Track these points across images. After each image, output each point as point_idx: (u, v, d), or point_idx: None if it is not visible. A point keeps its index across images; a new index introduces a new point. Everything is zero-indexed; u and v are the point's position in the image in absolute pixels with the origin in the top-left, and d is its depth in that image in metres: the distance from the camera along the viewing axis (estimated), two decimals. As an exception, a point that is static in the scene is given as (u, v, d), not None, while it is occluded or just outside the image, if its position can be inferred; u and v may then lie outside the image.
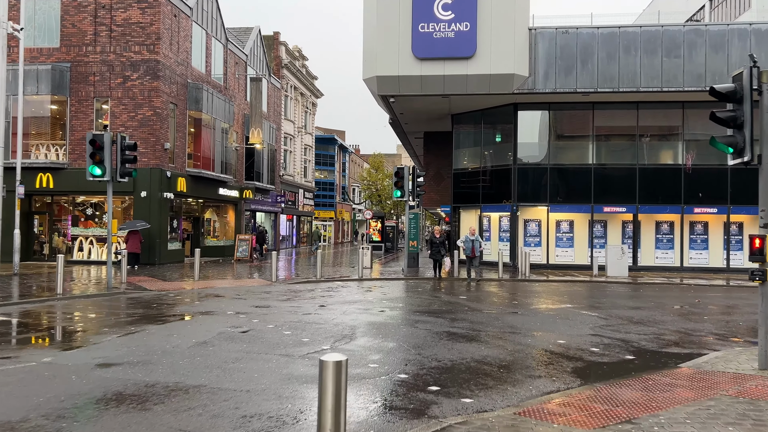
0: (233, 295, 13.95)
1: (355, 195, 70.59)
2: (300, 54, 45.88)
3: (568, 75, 22.92)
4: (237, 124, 32.61)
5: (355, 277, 19.18)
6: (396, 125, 30.72)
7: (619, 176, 24.72)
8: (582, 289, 17.04)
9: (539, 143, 25.73)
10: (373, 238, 41.13)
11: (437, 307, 12.46)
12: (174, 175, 25.06)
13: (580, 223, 25.04)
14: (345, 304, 12.54)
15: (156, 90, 23.93)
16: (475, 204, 26.68)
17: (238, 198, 32.30)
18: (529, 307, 12.80)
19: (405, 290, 16.02)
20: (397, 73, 22.62)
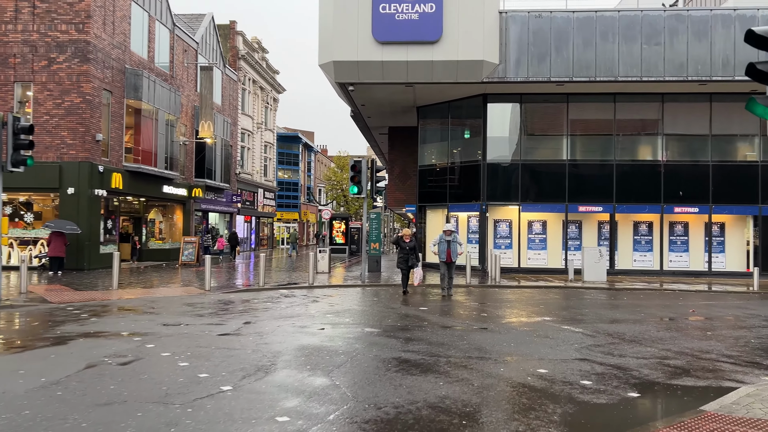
0: (147, 309, 11.61)
1: (321, 196, 68.23)
2: (260, 46, 43.44)
3: (541, 62, 21.12)
4: (186, 117, 30.07)
5: (305, 284, 16.97)
6: (358, 119, 28.60)
7: (595, 173, 23.03)
8: (558, 297, 15.13)
9: (510, 138, 23.89)
10: (336, 240, 38.90)
11: (391, 322, 10.34)
12: (108, 170, 22.47)
13: (553, 224, 23.27)
14: (279, 320, 10.34)
15: (86, 74, 21.34)
16: (442, 203, 24.71)
17: (186, 197, 29.74)
18: (500, 321, 10.78)
19: (359, 300, 13.86)
20: (356, 58, 20.51)
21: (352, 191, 17.70)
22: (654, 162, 22.89)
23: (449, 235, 14.57)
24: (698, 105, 22.63)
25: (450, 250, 14.46)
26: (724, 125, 22.68)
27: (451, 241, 14.51)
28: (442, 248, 14.53)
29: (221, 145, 33.43)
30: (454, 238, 14.61)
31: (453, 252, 14.51)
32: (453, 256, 14.55)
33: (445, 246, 14.51)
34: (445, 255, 14.50)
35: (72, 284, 16.37)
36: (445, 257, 14.52)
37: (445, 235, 14.62)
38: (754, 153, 22.75)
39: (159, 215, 29.55)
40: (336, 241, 38.65)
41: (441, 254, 14.57)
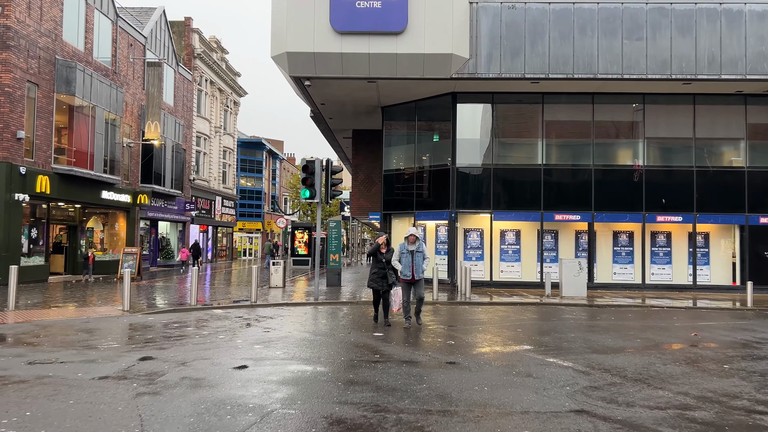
0: (29, 338, 9.32)
1: (287, 205, 65.76)
2: (218, 46, 41.09)
3: (515, 57, 19.36)
4: (131, 117, 27.56)
5: (248, 302, 14.72)
6: (319, 120, 26.50)
7: (572, 180, 21.31)
8: (536, 317, 13.19)
9: (481, 141, 22.05)
10: (299, 252, 36.58)
11: (333, 356, 8.22)
12: (32, 172, 19.90)
13: (527, 234, 21.45)
14: (190, 353, 8.12)
15: (4, 63, 18.82)
16: (408, 211, 22.71)
17: (130, 204, 27.17)
18: (471, 352, 8.74)
19: (304, 323, 11.70)
20: (312, 49, 18.46)
21: (304, 195, 15.55)
22: (635, 167, 21.27)
23: (413, 243, 10.99)
24: (681, 107, 21.15)
25: (414, 264, 10.89)
26: (709, 128, 21.24)
27: (416, 252, 10.96)
28: (406, 262, 10.88)
29: (172, 149, 30.93)
30: (419, 248, 11.04)
31: (417, 266, 10.91)
32: (417, 272, 10.92)
33: (408, 259, 10.88)
34: (408, 270, 10.89)
35: (-32, 303, 13.85)
36: (409, 273, 10.90)
37: (408, 243, 10.97)
38: (740, 158, 21.31)
39: (99, 224, 26.91)
40: (298, 252, 36.34)
41: (404, 269, 10.90)
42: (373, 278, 11.18)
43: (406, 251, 10.97)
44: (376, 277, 11.13)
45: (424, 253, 11.09)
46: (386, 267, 11.04)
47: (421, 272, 11.01)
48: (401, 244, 11.12)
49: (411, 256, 10.93)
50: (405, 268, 10.91)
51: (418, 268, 10.95)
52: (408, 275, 10.93)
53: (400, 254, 10.99)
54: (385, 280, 11.04)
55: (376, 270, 11.18)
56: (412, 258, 10.92)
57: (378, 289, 11.18)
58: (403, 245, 11.08)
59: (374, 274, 11.18)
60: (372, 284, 11.20)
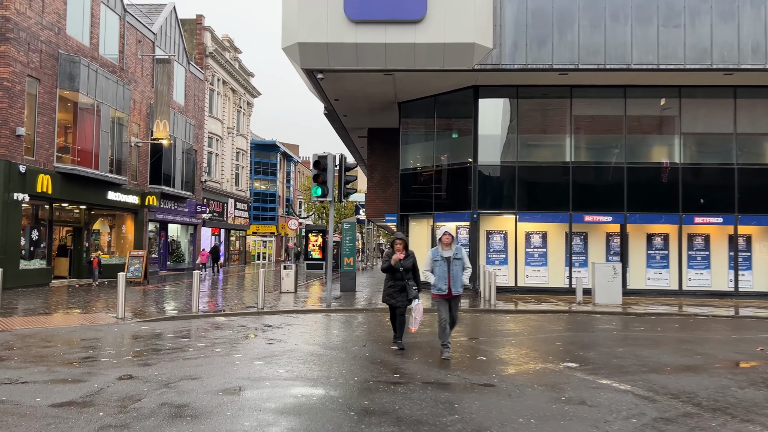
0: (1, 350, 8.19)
1: (301, 209, 64.79)
2: (231, 45, 40.22)
3: (541, 47, 18.07)
4: (139, 116, 26.65)
5: (254, 309, 13.57)
6: (333, 117, 25.37)
7: (603, 178, 19.93)
8: (573, 327, 11.86)
9: (505, 137, 20.75)
10: (313, 255, 35.46)
11: (347, 376, 7.01)
12: (33, 170, 18.98)
13: (555, 236, 20.09)
14: (177, 370, 6.98)
15: (4, 56, 17.94)
16: (426, 212, 21.45)
17: (138, 205, 26.22)
18: (506, 371, 7.47)
19: (314, 334, 10.51)
20: (325, 39, 17.33)
21: (315, 193, 14.39)
22: (671, 165, 19.81)
23: (449, 247, 8.33)
24: (721, 101, 19.69)
25: (451, 275, 8.20)
26: (751, 123, 19.75)
27: (453, 258, 8.26)
28: (441, 272, 8.23)
29: (183, 149, 30.01)
30: (457, 253, 8.31)
31: (455, 278, 8.20)
32: (456, 286, 8.21)
33: (443, 268, 8.23)
34: (444, 283, 8.19)
35: (-46, 309, 12.85)
36: (445, 287, 8.19)
37: (442, 246, 8.35)
38: (785, 155, 19.79)
39: (106, 226, 26.01)
40: (312, 256, 35.20)
41: (438, 282, 8.22)
42: (389, 292, 8.79)
43: (440, 258, 8.27)
44: (393, 291, 8.73)
45: (463, 260, 8.31)
46: (405, 278, 8.67)
47: (460, 286, 8.26)
48: (433, 250, 8.44)
49: (447, 264, 8.22)
50: (439, 280, 8.19)
51: (456, 281, 8.20)
52: (443, 290, 8.18)
53: (432, 262, 8.31)
54: (404, 294, 8.68)
55: (392, 282, 8.79)
56: (448, 267, 8.21)
57: (393, 305, 8.80)
58: (435, 251, 8.40)
59: (390, 287, 8.78)
60: (388, 299, 8.78)
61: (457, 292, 8.26)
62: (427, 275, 8.42)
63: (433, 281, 8.31)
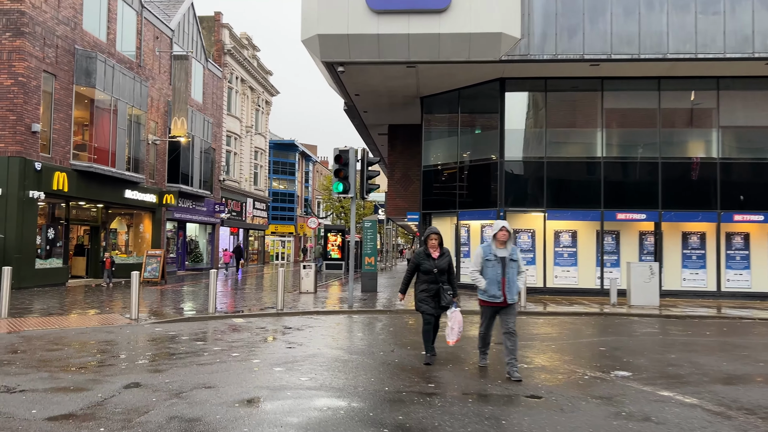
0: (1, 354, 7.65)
1: (319, 209, 64.33)
2: (249, 42, 39.82)
3: (572, 37, 17.25)
4: (157, 113, 26.27)
5: (274, 310, 12.96)
6: (353, 113, 24.75)
7: (636, 174, 19.06)
8: (613, 330, 11.07)
9: (533, 132, 19.95)
10: (332, 255, 34.90)
11: (376, 384, 6.34)
12: (48, 168, 18.62)
13: (585, 234, 19.23)
14: (190, 377, 6.39)
15: (19, 51, 17.58)
16: (450, 210, 20.73)
17: (155, 204, 25.84)
18: (553, 380, 6.74)
19: (337, 337, 9.86)
20: (346, 30, 16.71)
21: (337, 189, 13.74)
22: (709, 160, 18.86)
23: (504, 245, 6.99)
24: (763, 92, 18.69)
25: (506, 279, 6.90)
26: (794, 115, 18.72)
27: (509, 259, 6.95)
28: (493, 273, 6.91)
29: (201, 147, 29.61)
30: (513, 254, 7.02)
31: (511, 282, 6.92)
32: (511, 292, 6.92)
33: (497, 269, 6.90)
34: (498, 288, 6.89)
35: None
36: (499, 293, 6.90)
37: (496, 244, 6.99)
38: (831, 148, 18.72)
39: (123, 225, 25.67)
40: (331, 256, 34.67)
41: (490, 286, 6.92)
42: (421, 297, 7.47)
43: (494, 257, 6.90)
44: (427, 296, 7.42)
45: (519, 262, 7.05)
46: (439, 280, 7.43)
47: (516, 292, 7.00)
48: (484, 247, 7.09)
49: (501, 265, 6.86)
50: (491, 284, 6.88)
51: (511, 285, 6.89)
52: (497, 296, 6.87)
53: (483, 261, 6.96)
54: (436, 299, 7.40)
55: (425, 286, 7.45)
56: (503, 268, 6.86)
57: (429, 313, 7.46)
58: (486, 248, 7.04)
59: (422, 291, 7.46)
60: (422, 306, 7.47)
61: (512, 299, 6.92)
62: (475, 278, 7.01)
63: (483, 285, 6.93)
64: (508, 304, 6.94)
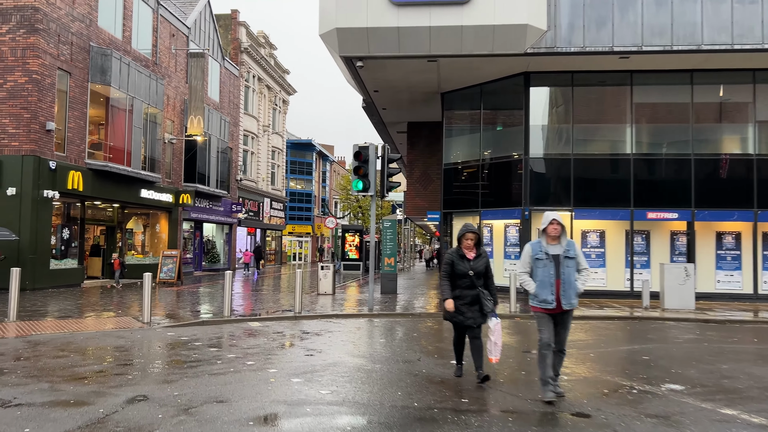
0: (5, 361, 7.21)
1: (337, 209, 63.91)
2: (267, 41, 39.49)
3: (601, 28, 16.52)
4: (173, 112, 25.97)
5: (291, 314, 12.45)
6: (371, 110, 24.20)
7: (667, 171, 18.26)
8: (652, 337, 10.37)
9: (559, 128, 19.24)
10: (349, 255, 34.42)
11: (403, 400, 5.78)
12: (63, 167, 18.32)
13: (613, 235, 18.47)
14: (201, 388, 5.87)
15: (33, 48, 17.30)
16: (472, 209, 20.08)
17: (172, 204, 25.53)
18: (598, 394, 6.11)
19: (358, 343, 9.31)
20: (366, 24, 16.16)
21: (356, 187, 13.18)
22: (744, 156, 18.01)
23: (557, 241, 5.89)
24: (801, 84, 17.81)
25: (561, 280, 5.77)
26: (836, 109, 17.80)
27: (563, 256, 5.83)
28: (545, 274, 5.80)
29: (218, 147, 29.28)
30: (569, 249, 5.89)
31: (567, 284, 5.77)
32: (567, 296, 5.78)
33: (550, 269, 5.79)
34: (550, 291, 5.76)
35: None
36: (552, 298, 5.75)
37: (547, 239, 5.92)
38: None
39: (139, 225, 25.39)
40: (349, 257, 34.21)
41: (541, 290, 5.80)
42: (458, 305, 6.34)
43: (545, 255, 5.80)
44: (462, 304, 6.30)
45: (578, 259, 5.89)
46: (476, 285, 6.31)
47: (574, 296, 5.81)
48: (533, 244, 5.98)
49: (555, 264, 5.75)
50: (543, 288, 5.74)
51: (568, 288, 5.73)
52: (550, 301, 5.72)
53: (533, 260, 5.87)
54: (476, 308, 6.28)
55: (459, 292, 6.34)
56: (556, 268, 5.74)
57: (465, 325, 6.35)
58: (536, 245, 5.94)
59: (456, 298, 6.35)
60: (455, 316, 6.35)
61: (569, 305, 5.75)
62: (524, 280, 5.94)
63: (532, 289, 5.85)
64: (564, 310, 5.79)
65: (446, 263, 6.51)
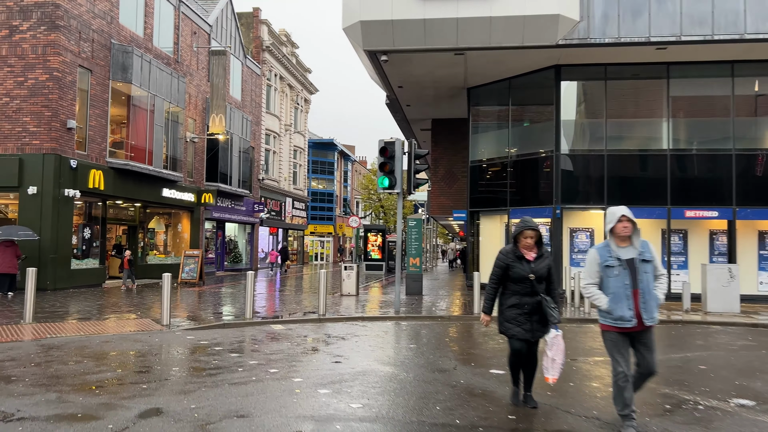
0: (16, 366, 6.81)
1: (358, 208, 63.49)
2: (288, 39, 39.17)
3: (637, 18, 15.77)
4: (195, 110, 25.71)
5: (315, 315, 11.96)
6: (395, 107, 23.66)
7: (706, 167, 17.42)
8: (702, 344, 9.65)
9: (591, 123, 18.51)
10: (372, 255, 33.90)
11: (434, 412, 5.26)
12: (84, 165, 18.09)
13: (649, 234, 17.63)
14: (220, 399, 5.39)
15: (54, 45, 17.08)
16: (500, 208, 19.44)
17: (194, 203, 25.27)
18: (658, 412, 5.48)
19: (387, 348, 8.77)
20: (391, 16, 15.63)
21: (382, 184, 12.64)
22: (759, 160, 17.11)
23: (628, 242, 4.80)
24: None
25: (640, 290, 4.67)
26: None
27: (639, 260, 4.74)
28: (618, 285, 4.71)
29: (240, 146, 28.99)
30: (644, 251, 4.79)
31: (647, 294, 4.68)
32: (649, 310, 4.68)
33: (624, 278, 4.70)
34: (628, 306, 4.66)
35: (-8, 312, 11.80)
36: (630, 313, 4.65)
37: (616, 240, 4.80)
38: None
39: (161, 224, 25.17)
40: (371, 257, 33.67)
41: (616, 305, 4.70)
42: (511, 315, 5.30)
43: (617, 261, 4.73)
44: (519, 314, 5.27)
45: (654, 263, 4.83)
46: (537, 291, 5.21)
47: (655, 308, 4.73)
48: (599, 248, 4.87)
49: (629, 271, 4.70)
50: (618, 301, 4.68)
51: (648, 299, 4.68)
52: (627, 318, 4.65)
53: (601, 268, 4.79)
54: (537, 319, 5.24)
55: (516, 300, 5.29)
56: (632, 276, 4.69)
57: (525, 340, 5.29)
58: (604, 249, 4.83)
59: (513, 308, 5.30)
60: (513, 328, 5.29)
61: (651, 320, 4.68)
62: (592, 294, 4.83)
63: (605, 304, 4.72)
64: (646, 327, 4.67)
65: (497, 266, 5.37)
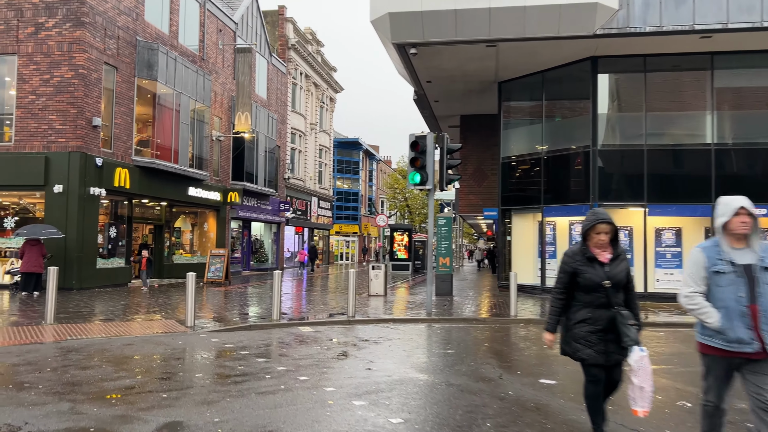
0: (32, 371, 6.46)
1: (383, 208, 63.01)
2: (314, 38, 38.85)
3: (679, 5, 14.95)
4: (220, 109, 25.48)
5: (344, 317, 11.47)
6: (423, 104, 23.09)
7: (753, 162, 16.51)
8: None
9: (629, 117, 17.72)
10: (398, 255, 33.38)
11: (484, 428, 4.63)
12: (110, 164, 17.91)
13: (691, 232, 16.82)
14: (247, 411, 4.90)
15: (79, 41, 16.90)
16: (533, 206, 18.73)
17: (220, 202, 25.04)
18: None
19: (422, 353, 8.24)
20: (420, 7, 15.09)
21: (413, 180, 12.10)
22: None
23: (744, 242, 3.70)
24: None
25: (759, 306, 3.58)
26: None
27: (761, 267, 3.60)
28: (731, 297, 3.62)
29: (265, 145, 28.71)
30: (766, 258, 3.62)
31: None
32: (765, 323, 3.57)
33: (738, 287, 3.60)
34: (744, 323, 3.58)
35: (16, 312, 11.56)
36: (747, 333, 3.57)
37: (731, 240, 3.72)
38: None
39: (187, 223, 24.99)
40: (397, 256, 33.15)
41: (728, 321, 3.61)
42: (580, 334, 4.20)
43: (730, 266, 3.67)
44: (590, 331, 4.17)
45: None
46: (613, 302, 4.14)
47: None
48: (705, 248, 3.83)
49: (745, 279, 3.62)
50: (730, 317, 3.63)
51: None
52: (743, 340, 3.59)
53: (710, 275, 3.72)
54: (612, 337, 4.13)
55: (587, 313, 4.21)
56: (749, 287, 3.62)
57: (596, 363, 4.18)
58: (712, 250, 3.77)
59: (583, 323, 4.21)
60: (582, 350, 4.19)
61: None
62: (697, 306, 3.72)
63: (716, 321, 3.65)
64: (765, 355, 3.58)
65: (563, 271, 4.29)
